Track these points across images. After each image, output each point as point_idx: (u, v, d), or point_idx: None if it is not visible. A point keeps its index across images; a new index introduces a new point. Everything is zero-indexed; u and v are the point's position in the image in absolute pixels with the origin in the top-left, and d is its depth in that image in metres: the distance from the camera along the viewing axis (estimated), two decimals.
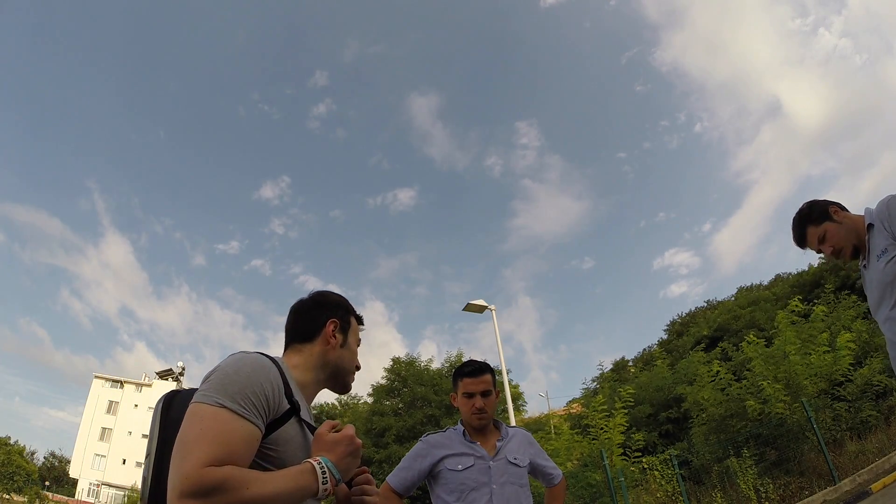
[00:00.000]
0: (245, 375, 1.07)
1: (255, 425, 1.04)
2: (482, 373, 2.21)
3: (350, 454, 1.15)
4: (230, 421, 1.00)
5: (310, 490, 1.04)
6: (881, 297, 2.05)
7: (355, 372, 1.45)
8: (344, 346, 1.39)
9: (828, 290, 17.87)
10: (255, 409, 1.05)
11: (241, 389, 1.04)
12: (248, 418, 1.02)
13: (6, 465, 37.82)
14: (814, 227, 2.18)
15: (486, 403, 2.16)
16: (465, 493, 2.04)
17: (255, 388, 1.07)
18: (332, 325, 1.37)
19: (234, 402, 1.02)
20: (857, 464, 8.24)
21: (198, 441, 0.97)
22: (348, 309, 1.46)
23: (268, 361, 1.16)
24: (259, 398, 1.06)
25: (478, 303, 12.10)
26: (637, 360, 30.69)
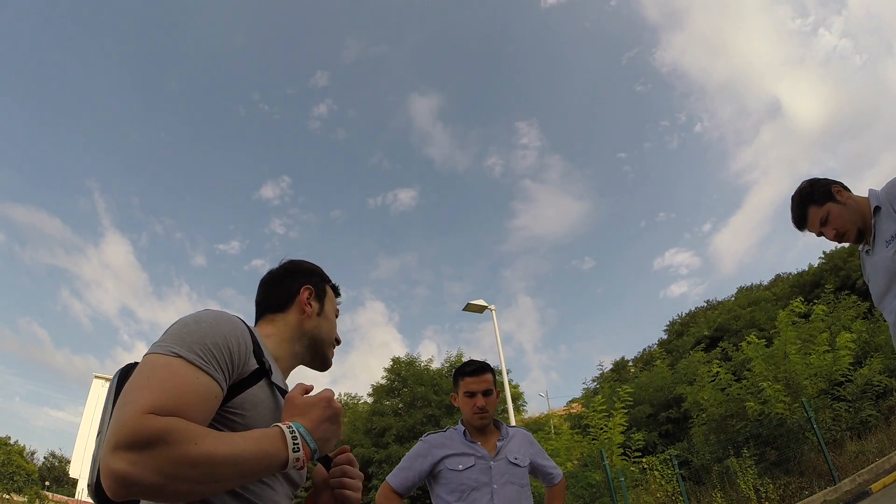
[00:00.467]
0: (207, 325, 0.93)
1: (214, 379, 0.87)
2: (483, 372, 2.21)
3: (328, 419, 0.95)
4: (184, 371, 0.84)
5: (277, 458, 0.85)
6: (888, 286, 1.91)
7: (335, 346, 1.30)
8: (321, 315, 1.25)
9: (828, 290, 17.87)
10: (216, 362, 0.88)
11: (201, 339, 0.89)
12: (205, 370, 0.86)
13: (6, 465, 37.81)
14: (816, 207, 1.99)
15: (488, 403, 2.17)
16: (465, 492, 2.04)
17: (218, 338, 0.91)
18: (306, 292, 1.24)
19: (192, 351, 0.86)
20: (857, 464, 8.24)
21: (141, 389, 0.80)
22: (323, 276, 1.33)
23: (237, 318, 1.02)
24: (221, 350, 0.90)
25: (478, 303, 12.09)
26: (637, 360, 30.68)
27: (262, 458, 0.83)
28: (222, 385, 0.89)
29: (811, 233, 2.08)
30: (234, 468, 0.80)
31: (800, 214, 2.05)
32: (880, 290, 1.97)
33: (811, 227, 2.04)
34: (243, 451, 0.81)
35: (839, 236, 1.99)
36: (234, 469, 0.80)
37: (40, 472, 48.36)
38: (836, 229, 1.97)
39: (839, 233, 1.98)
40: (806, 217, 2.03)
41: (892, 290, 1.91)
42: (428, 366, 25.61)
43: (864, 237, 1.99)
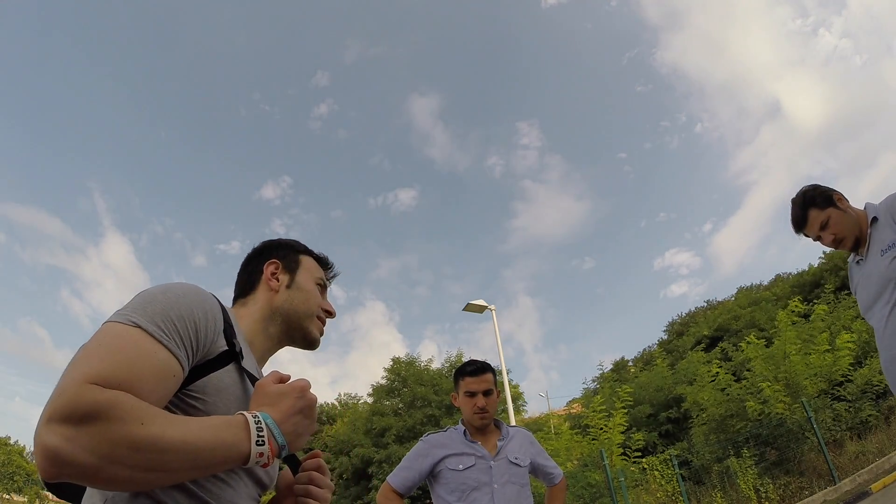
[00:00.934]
0: (174, 296, 0.82)
1: (173, 355, 0.76)
2: (484, 372, 2.22)
3: (300, 411, 0.82)
4: (142, 342, 0.73)
5: (237, 451, 0.73)
6: (879, 293, 1.93)
7: (322, 318, 1.15)
8: (291, 287, 1.11)
9: (828, 290, 17.89)
10: (178, 337, 0.78)
11: (165, 310, 0.79)
12: (166, 344, 0.75)
13: (6, 465, 37.82)
14: (817, 210, 2.01)
15: (488, 402, 2.17)
16: (466, 492, 2.04)
17: (184, 311, 0.81)
18: (271, 267, 1.12)
19: (153, 322, 0.76)
20: (857, 464, 8.24)
21: (89, 356, 0.69)
22: (295, 247, 1.19)
23: (208, 292, 0.91)
24: (187, 325, 0.80)
25: (478, 303, 12.09)
26: (637, 360, 30.69)
27: (219, 448, 0.71)
28: (183, 363, 0.78)
29: (808, 237, 2.09)
30: (184, 457, 0.68)
31: (801, 216, 2.06)
32: (870, 297, 1.99)
33: (810, 230, 2.05)
34: (198, 439, 0.69)
35: (837, 242, 2.01)
36: (185, 458, 0.68)
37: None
38: (835, 234, 1.99)
39: (837, 238, 2.00)
40: (806, 219, 2.04)
41: (882, 298, 1.93)
42: (428, 366, 25.63)
43: (859, 246, 2.02)
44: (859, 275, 2.06)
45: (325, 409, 34.73)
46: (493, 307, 12.18)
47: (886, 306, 1.91)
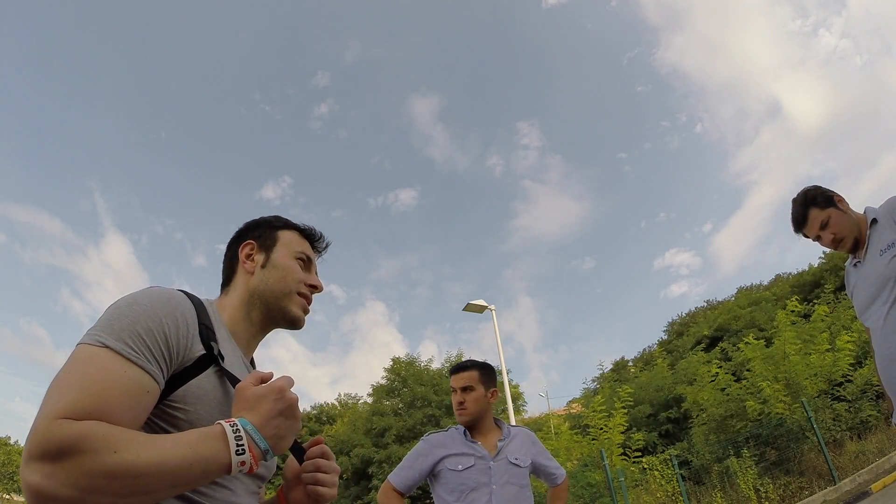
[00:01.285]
0: (140, 308, 0.80)
1: (145, 371, 0.75)
2: (463, 370, 2.25)
3: (280, 413, 0.79)
4: (110, 363, 0.72)
5: (216, 464, 0.72)
6: (877, 293, 1.93)
7: (305, 293, 1.07)
8: (266, 267, 1.05)
9: (828, 290, 17.90)
10: (148, 351, 0.77)
11: (132, 325, 0.77)
12: (134, 361, 0.74)
13: (6, 465, 37.85)
14: (818, 210, 2.02)
15: (467, 398, 2.18)
16: (465, 492, 2.04)
17: (152, 323, 0.79)
18: (245, 248, 1.08)
19: (120, 340, 0.75)
20: (857, 464, 8.24)
21: (60, 388, 0.69)
22: (272, 223, 1.13)
23: (179, 295, 0.88)
24: (156, 337, 0.78)
25: (478, 303, 12.09)
26: (637, 360, 30.69)
27: (196, 464, 0.70)
28: (157, 377, 0.77)
29: (808, 237, 2.09)
30: (162, 478, 0.67)
31: (801, 215, 2.06)
32: (868, 298, 1.99)
33: (810, 230, 2.05)
34: (174, 458, 0.68)
35: (836, 242, 2.01)
36: (163, 479, 0.68)
37: None
38: (835, 234, 1.99)
39: (837, 238, 2.00)
40: (807, 218, 2.04)
41: (880, 298, 1.92)
42: (428, 366, 25.63)
43: (858, 248, 2.02)
44: (856, 276, 2.06)
45: (325, 409, 34.72)
46: (492, 307, 12.18)
47: (884, 305, 1.90)
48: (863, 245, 2.00)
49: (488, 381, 2.24)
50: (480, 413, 2.19)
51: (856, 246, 2.02)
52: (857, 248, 2.03)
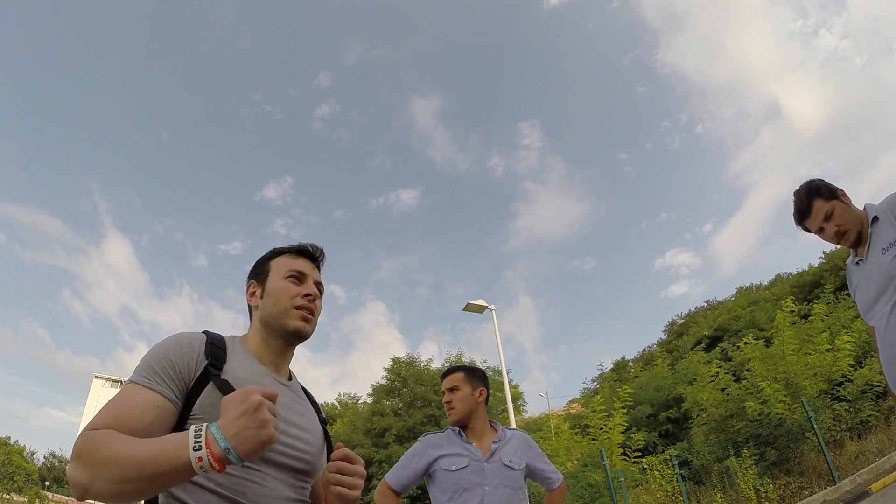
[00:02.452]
0: (157, 349, 1.05)
1: (154, 391, 0.97)
2: (451, 373, 2.31)
3: (243, 414, 0.85)
4: (132, 392, 0.97)
5: (178, 457, 0.83)
6: (880, 292, 1.90)
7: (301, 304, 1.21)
8: (264, 296, 1.23)
9: (828, 290, 17.89)
10: (159, 377, 0.99)
11: (148, 363, 1.02)
12: (149, 387, 0.98)
13: (6, 465, 37.79)
14: (822, 200, 1.98)
15: (454, 398, 2.23)
16: (457, 493, 2.04)
17: (160, 356, 1.03)
18: (250, 288, 1.28)
19: (140, 374, 1.00)
20: (857, 464, 8.24)
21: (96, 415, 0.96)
22: (265, 257, 1.31)
23: (192, 334, 1.10)
24: (164, 366, 1.01)
25: (478, 303, 12.09)
26: (637, 360, 30.68)
27: (161, 457, 0.83)
28: (166, 394, 0.99)
29: (809, 229, 2.05)
30: (136, 467, 0.83)
31: (805, 205, 2.02)
32: (871, 297, 1.96)
33: (813, 221, 2.01)
34: (145, 452, 0.84)
35: (840, 234, 1.97)
36: (137, 469, 0.83)
37: (40, 472, 48.36)
38: (839, 226, 1.96)
39: (841, 230, 1.97)
40: (810, 209, 2.01)
41: (884, 296, 1.89)
42: (428, 366, 25.63)
43: (861, 242, 1.99)
44: (859, 275, 2.03)
45: (325, 409, 34.72)
46: (492, 307, 12.18)
47: (888, 304, 1.88)
48: (865, 241, 1.97)
49: (474, 381, 2.27)
50: (468, 412, 2.21)
51: (858, 241, 1.99)
52: (859, 243, 2.00)
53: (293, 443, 1.12)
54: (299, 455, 1.11)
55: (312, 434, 1.20)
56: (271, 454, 1.05)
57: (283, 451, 1.09)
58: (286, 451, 1.09)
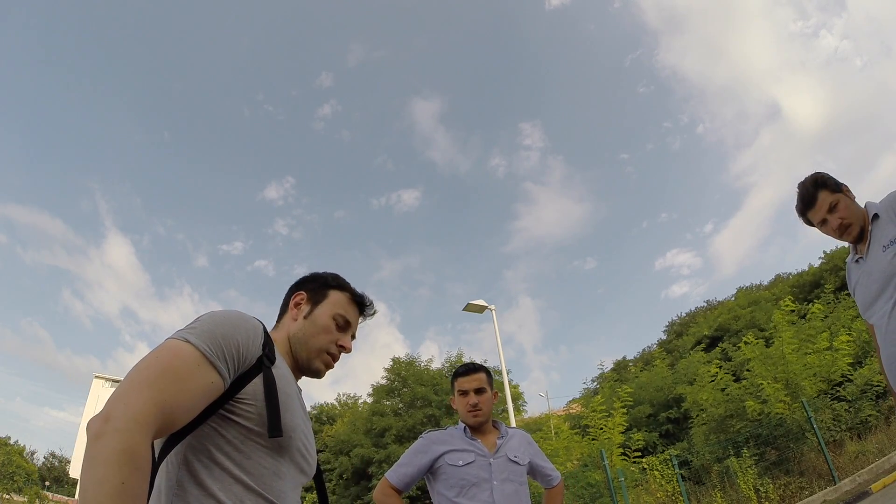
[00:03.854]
0: (225, 323, 0.97)
1: (217, 371, 0.91)
2: (475, 371, 2.26)
3: None
4: (192, 360, 0.89)
5: None
6: (881, 290, 1.89)
7: (334, 353, 1.21)
8: (307, 318, 1.20)
9: (828, 290, 17.90)
10: (223, 354, 0.93)
11: (214, 334, 0.94)
12: (211, 361, 0.91)
13: (6, 465, 37.77)
14: (828, 192, 1.96)
15: (481, 400, 2.20)
16: (465, 488, 2.05)
17: (228, 333, 0.96)
18: (297, 297, 1.24)
19: (205, 342, 0.91)
20: (857, 464, 8.24)
21: (146, 379, 0.85)
22: (327, 282, 1.28)
23: (255, 320, 1.06)
24: (230, 344, 0.95)
25: (478, 303, 12.09)
26: (637, 360, 30.68)
27: None
28: (224, 375, 0.93)
29: (812, 222, 2.04)
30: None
31: (810, 195, 2.00)
32: (871, 295, 1.95)
33: (817, 212, 1.99)
34: None
35: (843, 227, 1.96)
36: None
37: (40, 472, 48.34)
38: (843, 218, 1.94)
39: (845, 223, 1.95)
40: (815, 200, 1.98)
41: (884, 294, 1.89)
42: (428, 366, 25.63)
43: (862, 238, 1.98)
44: (859, 273, 2.02)
45: (325, 409, 34.72)
46: (492, 307, 12.18)
47: (888, 303, 1.87)
48: (866, 238, 1.96)
49: (492, 383, 2.31)
50: (490, 414, 2.24)
51: (860, 237, 1.98)
52: (860, 240, 1.99)
53: (309, 447, 1.13)
54: (310, 460, 1.13)
55: (314, 441, 1.21)
56: (298, 457, 1.06)
57: (305, 456, 1.10)
58: (307, 455, 1.11)
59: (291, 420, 1.03)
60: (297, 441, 1.05)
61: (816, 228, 2.05)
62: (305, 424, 1.14)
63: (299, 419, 1.08)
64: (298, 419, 1.07)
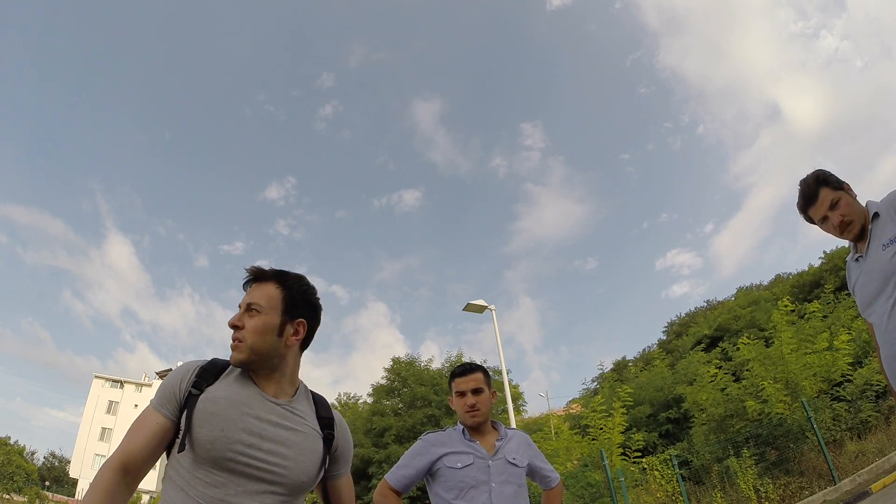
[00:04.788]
0: (166, 378, 1.32)
1: (160, 413, 1.25)
2: (472, 371, 2.25)
3: None
4: (147, 412, 1.27)
5: None
6: (880, 288, 1.89)
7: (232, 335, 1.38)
8: None
9: (827, 290, 17.90)
10: (164, 400, 1.27)
11: (159, 389, 1.30)
12: (156, 409, 1.26)
13: (6, 465, 37.78)
14: (830, 189, 1.96)
15: (479, 400, 2.19)
16: (464, 490, 2.05)
17: (165, 384, 1.30)
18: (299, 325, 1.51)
19: (154, 398, 1.29)
20: (857, 464, 8.24)
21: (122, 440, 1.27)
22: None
23: (193, 362, 1.33)
24: (166, 391, 1.28)
25: (478, 303, 12.09)
26: (637, 360, 30.68)
27: None
28: (166, 414, 1.26)
29: (813, 219, 2.03)
30: None
31: (812, 192, 1.99)
32: (871, 293, 1.94)
33: (819, 208, 1.99)
34: None
35: (844, 225, 1.95)
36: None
37: (40, 472, 48.34)
38: (844, 216, 1.94)
39: (846, 221, 1.95)
40: (817, 196, 1.98)
41: (884, 293, 1.88)
42: (428, 366, 25.63)
43: (863, 237, 1.98)
44: (858, 272, 2.02)
45: None
46: (492, 307, 12.18)
47: (888, 301, 1.87)
48: (866, 237, 1.96)
49: (490, 383, 2.29)
50: (489, 415, 2.23)
51: (861, 235, 1.98)
52: (861, 238, 1.99)
53: (264, 456, 1.23)
54: (269, 468, 1.22)
55: (295, 450, 1.28)
56: (238, 465, 1.19)
57: (250, 464, 1.21)
58: (254, 463, 1.21)
59: (213, 433, 1.19)
60: (227, 450, 1.19)
61: (817, 226, 2.05)
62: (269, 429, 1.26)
63: (234, 429, 1.21)
64: (233, 430, 1.21)
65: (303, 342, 1.41)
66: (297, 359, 1.41)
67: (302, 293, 1.40)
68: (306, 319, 1.39)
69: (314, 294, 1.44)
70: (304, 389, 1.43)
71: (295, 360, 1.40)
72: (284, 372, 1.36)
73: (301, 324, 1.38)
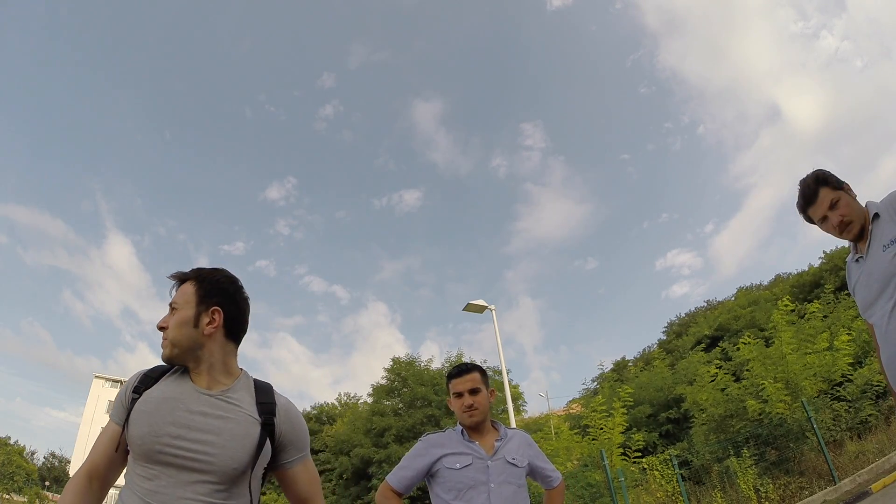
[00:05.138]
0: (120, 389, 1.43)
1: (113, 421, 1.36)
2: (468, 371, 2.25)
3: None
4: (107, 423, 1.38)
5: None
6: (881, 289, 1.88)
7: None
8: None
9: (827, 290, 17.89)
10: (116, 409, 1.37)
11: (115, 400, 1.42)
12: (111, 418, 1.38)
13: (6, 465, 37.81)
14: (830, 189, 1.96)
15: (476, 400, 2.18)
16: (462, 491, 2.05)
17: (118, 394, 1.41)
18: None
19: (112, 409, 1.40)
20: (857, 464, 8.24)
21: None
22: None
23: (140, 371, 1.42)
24: (118, 400, 1.39)
25: (478, 303, 12.09)
26: (637, 360, 30.67)
27: None
28: (116, 420, 1.36)
29: (813, 219, 2.03)
30: None
31: (812, 192, 1.99)
32: (872, 294, 1.94)
33: (818, 208, 1.98)
34: None
35: (844, 225, 1.95)
36: None
37: (40, 472, 48.36)
38: (844, 216, 1.94)
39: (845, 221, 1.94)
40: (816, 196, 1.98)
41: (884, 294, 1.88)
42: (428, 366, 25.62)
43: (863, 237, 1.97)
44: (859, 273, 2.01)
45: (325, 409, 34.71)
46: (492, 307, 12.18)
47: (889, 302, 1.86)
48: (866, 237, 1.95)
49: (487, 382, 2.28)
50: (487, 414, 2.22)
51: (860, 235, 1.97)
52: (861, 238, 1.98)
53: (191, 446, 1.26)
54: (196, 457, 1.25)
55: (224, 437, 1.29)
56: (167, 457, 1.24)
57: (178, 454, 1.25)
58: (181, 453, 1.25)
59: (142, 429, 1.26)
60: (155, 444, 1.25)
61: (817, 226, 2.04)
62: (196, 419, 1.29)
63: (163, 423, 1.27)
64: (160, 424, 1.27)
65: (229, 331, 1.44)
66: (225, 347, 1.43)
67: (214, 283, 1.45)
68: (221, 307, 1.42)
69: (230, 282, 1.48)
70: (244, 378, 1.44)
71: (222, 349, 1.42)
72: (212, 362, 1.39)
73: (216, 311, 1.41)
